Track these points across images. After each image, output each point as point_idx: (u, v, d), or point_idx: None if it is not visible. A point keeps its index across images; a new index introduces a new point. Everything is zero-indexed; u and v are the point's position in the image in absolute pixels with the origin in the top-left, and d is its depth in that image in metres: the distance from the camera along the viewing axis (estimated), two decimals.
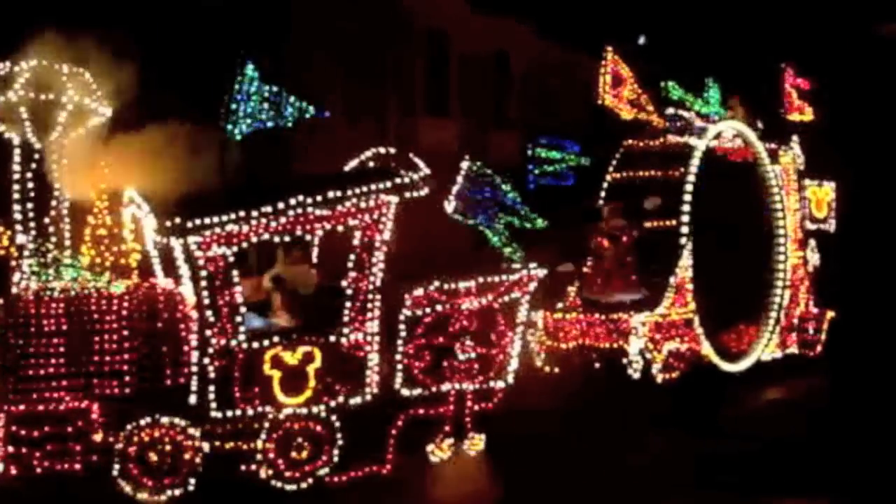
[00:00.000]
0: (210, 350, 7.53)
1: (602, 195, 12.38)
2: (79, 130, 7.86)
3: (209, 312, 7.52)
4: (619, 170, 12.49)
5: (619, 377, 11.13)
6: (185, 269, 7.51)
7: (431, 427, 8.41)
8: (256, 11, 16.94)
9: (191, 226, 7.32)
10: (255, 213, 7.50)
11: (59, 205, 7.82)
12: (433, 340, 8.31)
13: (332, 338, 7.92)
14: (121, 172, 7.92)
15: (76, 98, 7.64)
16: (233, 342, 7.59)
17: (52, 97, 7.55)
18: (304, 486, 7.80)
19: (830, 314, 14.16)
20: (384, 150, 8.72)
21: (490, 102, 25.08)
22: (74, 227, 7.91)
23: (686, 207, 11.71)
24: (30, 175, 7.65)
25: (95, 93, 7.82)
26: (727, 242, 12.66)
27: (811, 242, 14.30)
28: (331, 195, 7.73)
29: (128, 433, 7.31)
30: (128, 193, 8.01)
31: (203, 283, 7.48)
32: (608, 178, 12.48)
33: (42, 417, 7.11)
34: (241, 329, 7.63)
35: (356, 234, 7.98)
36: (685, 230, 11.66)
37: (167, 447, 7.41)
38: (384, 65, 22.08)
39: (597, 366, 11.66)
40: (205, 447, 7.52)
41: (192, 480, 7.46)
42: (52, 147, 7.74)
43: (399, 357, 8.20)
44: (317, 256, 9.21)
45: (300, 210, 7.65)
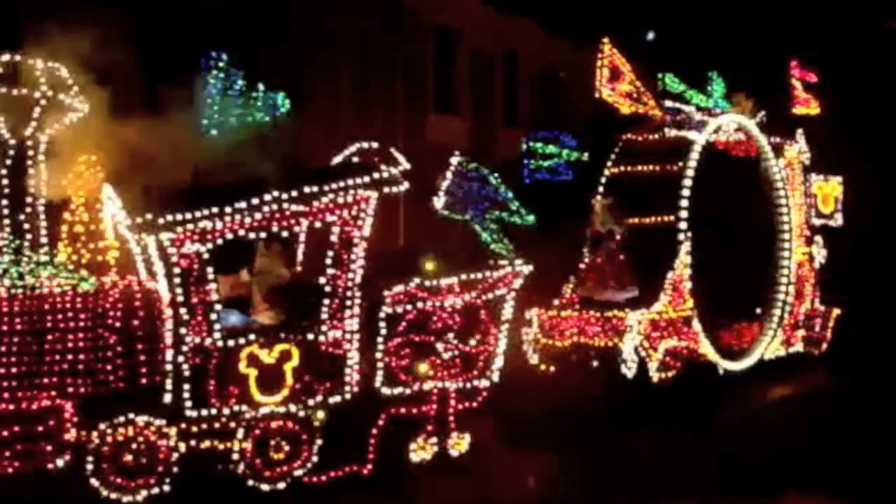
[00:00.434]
0: (184, 348, 7.41)
1: (600, 190, 12.17)
2: (55, 126, 7.78)
3: (183, 310, 7.40)
4: (618, 164, 12.28)
5: (615, 376, 10.92)
6: (159, 266, 7.40)
7: (414, 426, 8.27)
8: (259, 7, 16.87)
9: (162, 222, 7.21)
10: (229, 210, 7.38)
11: (35, 202, 7.74)
12: (415, 338, 8.16)
13: (311, 335, 7.80)
14: (98, 168, 7.84)
15: (50, 93, 7.56)
16: (208, 340, 7.47)
17: (26, 92, 7.46)
18: (283, 486, 7.70)
19: (837, 311, 13.89)
20: (367, 146, 8.57)
21: (499, 99, 24.93)
22: (51, 225, 7.83)
23: (684, 203, 11.49)
24: (3, 172, 7.58)
25: (71, 88, 7.73)
26: (728, 238, 12.44)
27: (817, 238, 14.04)
28: (307, 191, 7.60)
29: (101, 432, 7.22)
30: (105, 190, 7.93)
31: (177, 281, 7.36)
32: (606, 173, 12.27)
33: (13, 417, 7.01)
34: (217, 327, 7.51)
35: (334, 230, 7.84)
36: (683, 226, 11.44)
37: (142, 446, 7.30)
38: (394, 62, 21.99)
39: (594, 364, 11.46)
40: (180, 446, 7.41)
41: (168, 480, 7.36)
42: (28, 143, 7.66)
43: (379, 355, 8.06)
44: (303, 253, 9.11)
45: (276, 206, 7.52)
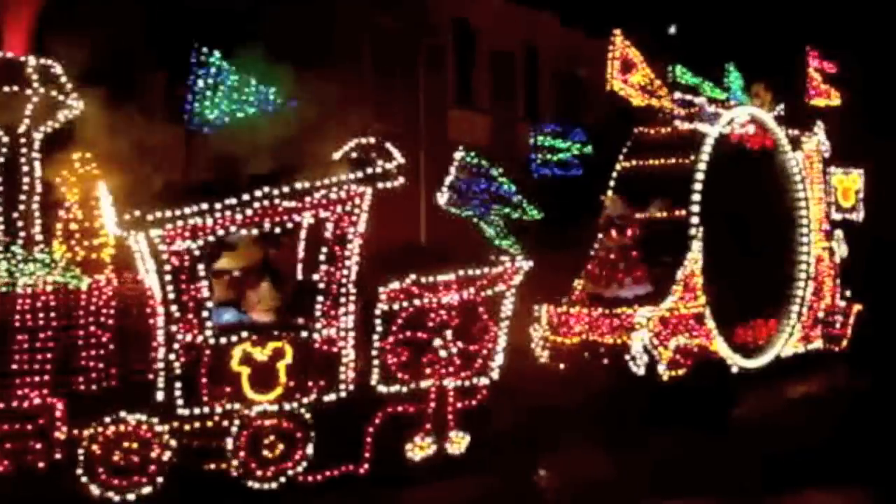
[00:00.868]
0: (176, 346, 7.36)
1: (611, 185, 11.98)
2: (49, 123, 7.75)
3: (174, 307, 7.35)
4: (630, 158, 12.08)
5: (626, 374, 10.73)
6: (150, 264, 7.34)
7: (411, 425, 8.16)
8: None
9: (151, 219, 7.15)
10: (219, 206, 7.31)
11: (30, 199, 7.70)
12: (411, 336, 8.06)
13: (304, 333, 7.72)
14: (93, 165, 7.81)
15: (42, 90, 7.51)
16: (199, 338, 7.40)
17: (17, 89, 7.43)
18: (277, 486, 7.63)
19: (858, 307, 13.58)
20: (365, 140, 8.46)
21: (520, 95, 24.77)
22: (46, 222, 7.80)
23: (696, 197, 11.27)
24: None
25: (65, 85, 7.69)
26: (744, 233, 12.18)
27: (837, 233, 13.74)
28: (298, 186, 7.50)
29: (92, 430, 7.17)
30: (101, 187, 7.88)
31: (168, 278, 7.31)
32: (618, 167, 12.07)
33: (3, 415, 6.98)
34: (209, 324, 7.45)
35: (328, 226, 7.75)
36: (695, 221, 11.22)
37: (133, 445, 7.25)
38: (415, 58, 21.90)
39: (605, 361, 11.26)
40: (173, 445, 7.35)
41: (160, 479, 7.31)
42: (22, 140, 7.63)
43: (375, 353, 7.96)
44: (304, 249, 9.02)
45: (267, 202, 7.44)
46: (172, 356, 7.36)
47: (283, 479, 7.63)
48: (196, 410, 7.43)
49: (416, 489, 7.97)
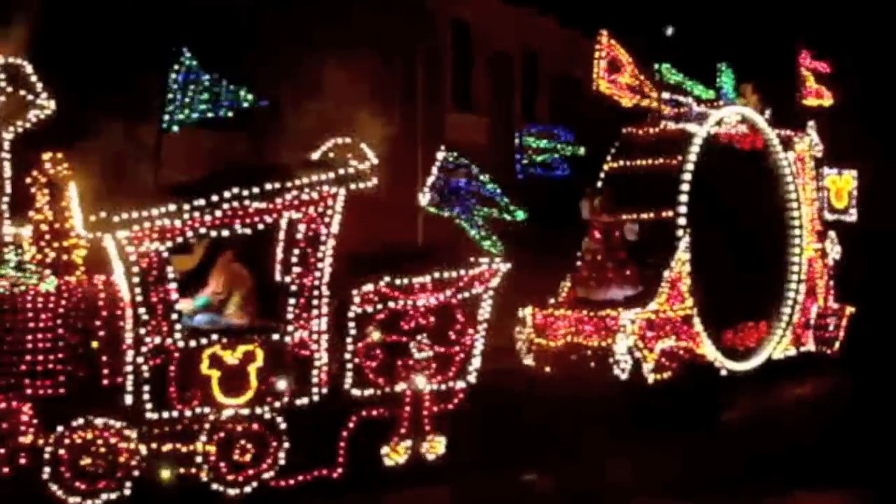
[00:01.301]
0: (144, 349, 7.26)
1: (598, 186, 11.84)
2: (19, 124, 7.66)
3: (143, 310, 7.24)
4: (617, 159, 11.94)
5: (612, 378, 10.59)
6: (118, 266, 7.25)
7: (386, 429, 8.04)
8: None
9: (117, 220, 7.05)
10: (188, 207, 7.21)
11: None
12: (386, 338, 7.94)
13: (276, 336, 7.61)
14: (64, 166, 7.71)
15: (11, 90, 7.43)
16: (168, 341, 7.30)
17: None
18: (248, 491, 7.52)
19: (850, 310, 13.41)
20: (341, 141, 8.35)
21: (518, 98, 24.63)
22: (15, 223, 7.71)
23: (683, 198, 11.13)
24: None
25: (35, 85, 7.60)
26: (734, 235, 12.04)
27: (831, 234, 13.58)
28: (268, 187, 7.40)
29: (60, 435, 7.08)
30: (72, 187, 7.79)
31: (136, 280, 7.21)
32: (605, 168, 11.94)
33: None
34: (178, 327, 7.34)
35: (300, 228, 7.64)
36: (682, 222, 11.08)
37: (101, 449, 7.16)
38: (413, 61, 21.80)
39: (592, 365, 11.11)
40: (142, 449, 7.26)
41: (129, 484, 7.21)
42: None
43: (349, 356, 7.85)
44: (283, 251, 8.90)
45: (236, 203, 7.33)
46: (141, 359, 7.26)
47: (255, 484, 7.53)
48: (165, 414, 7.33)
49: (392, 494, 7.86)
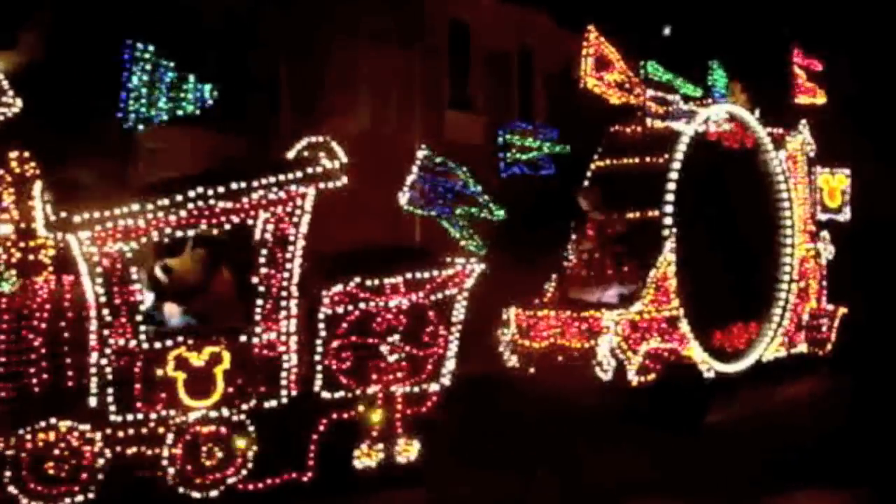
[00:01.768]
0: (108, 350, 7.15)
1: (585, 184, 11.68)
2: None
3: (106, 311, 7.14)
4: (604, 157, 11.78)
5: (596, 379, 10.44)
6: (81, 266, 7.14)
7: (358, 432, 7.92)
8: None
9: (79, 220, 6.94)
10: (151, 207, 7.10)
11: None
12: (357, 340, 7.82)
13: (243, 338, 7.49)
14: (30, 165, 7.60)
15: None
16: (132, 342, 7.19)
17: None
18: (215, 494, 7.41)
19: (843, 310, 13.23)
20: (315, 139, 8.23)
21: (515, 96, 24.50)
22: None
23: (669, 197, 10.96)
24: None
25: (1, 83, 7.49)
26: (724, 235, 11.87)
27: (824, 234, 13.40)
28: (234, 186, 7.28)
29: (21, 438, 6.97)
30: (37, 186, 7.68)
31: (99, 281, 7.11)
32: (592, 167, 11.78)
33: None
34: (142, 329, 7.23)
35: (268, 228, 7.53)
36: (668, 221, 10.91)
37: (65, 453, 7.05)
38: (410, 59, 21.69)
39: (576, 366, 10.95)
40: (106, 453, 7.14)
41: (93, 488, 7.10)
42: None
43: (318, 358, 7.73)
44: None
45: (201, 203, 7.22)
46: (105, 361, 7.15)
47: (222, 488, 7.42)
48: (130, 417, 7.22)
49: (363, 498, 7.76)
